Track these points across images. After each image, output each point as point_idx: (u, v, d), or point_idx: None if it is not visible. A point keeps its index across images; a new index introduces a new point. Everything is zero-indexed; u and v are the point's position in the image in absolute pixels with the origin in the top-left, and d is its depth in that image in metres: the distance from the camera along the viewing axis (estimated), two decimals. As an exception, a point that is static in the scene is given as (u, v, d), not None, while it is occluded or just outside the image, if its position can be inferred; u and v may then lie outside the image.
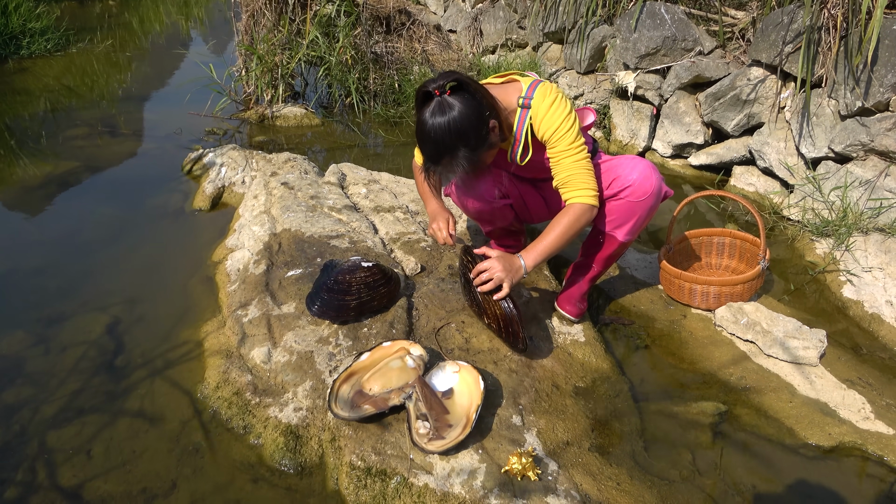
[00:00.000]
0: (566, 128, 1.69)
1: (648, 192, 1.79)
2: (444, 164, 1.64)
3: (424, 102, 1.60)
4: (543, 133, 1.72)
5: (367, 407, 1.56)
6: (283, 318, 1.93)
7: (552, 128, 1.69)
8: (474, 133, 1.59)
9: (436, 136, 1.58)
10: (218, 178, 3.04)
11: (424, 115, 1.59)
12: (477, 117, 1.58)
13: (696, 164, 3.39)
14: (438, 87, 1.57)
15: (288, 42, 4.29)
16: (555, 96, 1.70)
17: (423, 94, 1.59)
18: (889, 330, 2.09)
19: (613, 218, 1.86)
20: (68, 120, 4.20)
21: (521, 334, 1.71)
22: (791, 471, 1.59)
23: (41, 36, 5.86)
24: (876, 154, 2.54)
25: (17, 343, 2.00)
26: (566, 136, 1.69)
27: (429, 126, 1.58)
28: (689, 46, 3.33)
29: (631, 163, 1.82)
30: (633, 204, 1.81)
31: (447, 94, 1.57)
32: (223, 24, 7.91)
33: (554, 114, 1.69)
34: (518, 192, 2.04)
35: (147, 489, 1.50)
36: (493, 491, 1.39)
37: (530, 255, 1.72)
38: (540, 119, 1.71)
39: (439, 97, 1.57)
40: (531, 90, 1.72)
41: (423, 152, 1.67)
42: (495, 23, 5.02)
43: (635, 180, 1.78)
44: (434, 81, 1.58)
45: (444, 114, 1.56)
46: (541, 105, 1.70)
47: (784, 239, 2.68)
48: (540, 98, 1.71)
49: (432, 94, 1.58)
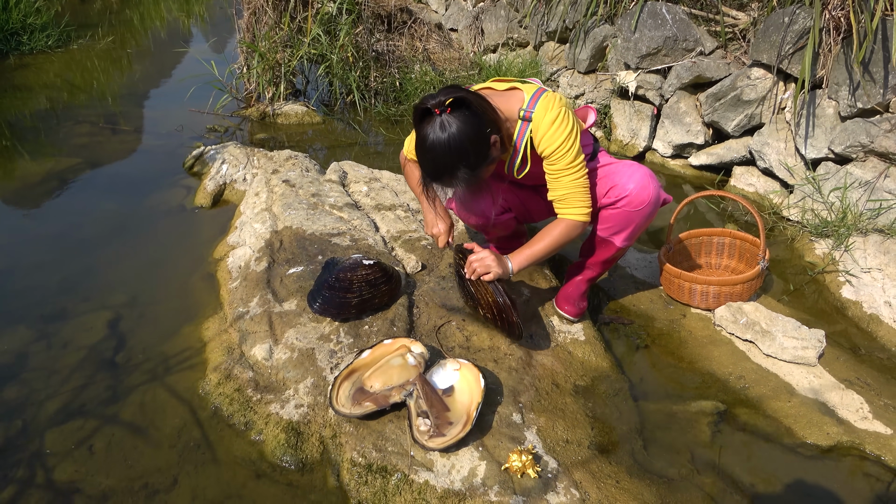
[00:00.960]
0: (566, 147, 1.66)
1: (645, 202, 1.78)
2: (443, 182, 1.62)
3: (423, 119, 1.54)
4: (543, 150, 1.69)
5: (368, 404, 1.57)
6: (285, 315, 1.94)
7: (552, 146, 1.66)
8: (474, 152, 1.55)
9: (435, 156, 1.54)
10: (219, 176, 3.05)
11: (423, 132, 1.54)
12: (477, 135, 1.54)
13: (697, 164, 3.40)
14: (438, 105, 1.51)
15: (289, 39, 4.29)
16: (557, 112, 1.65)
17: (421, 111, 1.54)
18: (887, 330, 2.10)
19: (611, 225, 1.86)
20: (69, 116, 4.20)
21: (514, 319, 1.72)
22: (789, 470, 1.60)
23: (42, 32, 5.85)
24: (876, 155, 2.55)
25: (19, 339, 2.01)
26: (566, 156, 1.67)
27: (428, 145, 1.53)
28: (690, 47, 3.34)
29: (629, 170, 1.80)
30: (630, 213, 1.81)
31: (447, 111, 1.51)
32: (224, 21, 7.90)
33: (555, 133, 1.65)
34: (519, 200, 2.04)
35: (148, 485, 1.51)
36: (493, 488, 1.40)
37: (517, 259, 1.77)
38: (541, 136, 1.67)
39: (439, 116, 1.51)
40: (533, 102, 1.68)
41: (422, 168, 1.63)
42: (496, 22, 5.02)
43: (632, 190, 1.77)
44: (433, 98, 1.52)
45: (444, 132, 1.50)
46: (542, 120, 1.66)
47: (784, 239, 2.69)
48: (542, 112, 1.66)
49: (431, 111, 1.52)
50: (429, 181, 1.65)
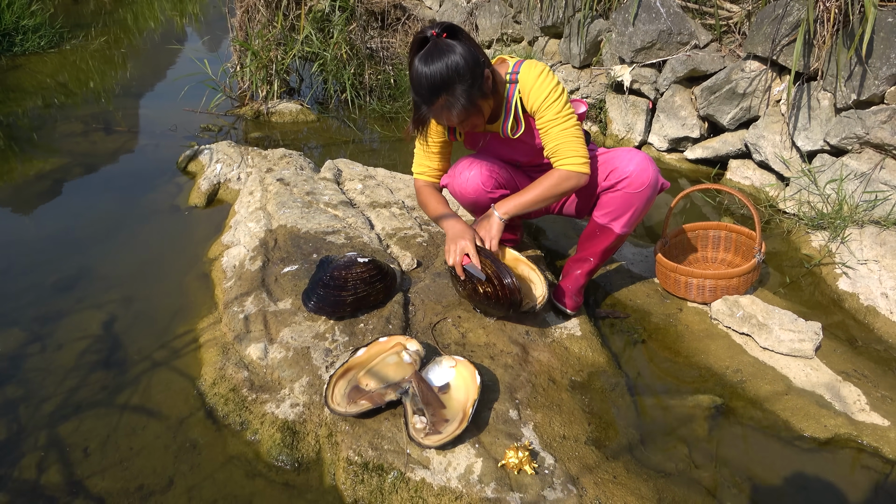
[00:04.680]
0: (554, 97, 1.71)
1: (646, 184, 1.80)
2: (439, 103, 1.62)
3: (420, 48, 1.60)
4: (532, 103, 1.74)
5: (364, 402, 1.56)
6: (280, 314, 1.93)
7: (540, 97, 1.71)
8: (471, 73, 1.59)
9: (433, 73, 1.57)
10: (213, 175, 3.04)
11: (421, 56, 1.58)
12: (473, 59, 1.58)
13: (692, 157, 3.39)
14: (435, 31, 1.58)
15: (283, 38, 4.27)
16: (541, 69, 1.72)
17: (419, 39, 1.60)
18: (884, 322, 2.09)
19: (611, 210, 1.86)
20: (62, 117, 4.18)
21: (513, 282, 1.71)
22: (787, 463, 1.60)
23: (35, 33, 5.83)
24: (871, 147, 2.54)
25: (13, 341, 2.00)
26: (554, 105, 1.72)
27: (426, 64, 1.57)
28: (685, 40, 3.33)
29: (627, 154, 1.83)
30: (630, 195, 1.82)
31: (444, 36, 1.58)
32: (218, 20, 7.87)
33: (542, 84, 1.71)
34: (514, 181, 2.03)
35: (144, 486, 1.50)
36: (490, 485, 1.40)
37: (503, 206, 1.79)
38: (528, 90, 1.73)
39: (436, 38, 1.58)
40: (517, 66, 1.75)
41: (418, 94, 1.63)
42: (491, 17, 5.01)
43: (632, 171, 1.79)
44: (430, 28, 1.59)
45: (443, 53, 1.56)
46: (528, 76, 1.72)
47: (780, 232, 2.69)
48: (526, 71, 1.73)
49: (428, 38, 1.59)
50: (424, 108, 1.65)
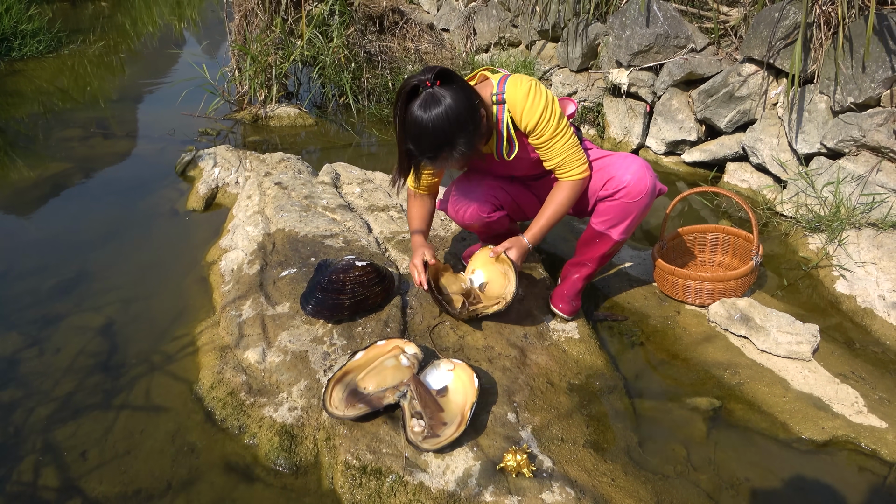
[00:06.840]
0: (548, 115, 1.70)
1: (643, 193, 1.80)
2: (442, 155, 1.59)
3: (412, 97, 1.54)
4: (526, 124, 1.72)
5: (362, 406, 1.56)
6: (278, 317, 1.93)
7: (534, 118, 1.69)
8: (471, 119, 1.56)
9: (434, 128, 1.52)
10: (211, 179, 3.04)
11: (415, 108, 1.52)
12: (470, 104, 1.55)
13: (690, 160, 3.40)
14: (427, 80, 1.52)
15: (281, 42, 4.28)
16: (528, 85, 1.68)
17: (410, 88, 1.53)
18: (882, 324, 2.10)
19: (608, 218, 1.86)
20: (61, 121, 4.18)
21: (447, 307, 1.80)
22: (785, 465, 1.60)
23: (33, 38, 5.84)
24: (868, 149, 2.55)
25: (12, 344, 2.00)
26: (550, 124, 1.71)
27: (425, 119, 1.52)
28: (682, 44, 3.34)
29: (625, 162, 1.83)
30: (628, 204, 1.82)
31: (437, 84, 1.53)
32: (216, 25, 7.88)
33: (533, 104, 1.68)
34: (510, 198, 2.04)
35: (142, 490, 1.50)
36: (489, 488, 1.40)
37: (531, 234, 1.84)
38: (519, 111, 1.70)
39: (430, 88, 1.52)
40: (501, 84, 1.71)
41: (418, 147, 1.59)
42: (488, 21, 5.02)
43: (630, 181, 1.79)
44: (420, 75, 1.53)
45: (439, 104, 1.51)
46: (516, 96, 1.69)
47: (777, 235, 2.69)
48: (513, 89, 1.69)
49: (419, 88, 1.53)
50: (426, 160, 1.62)
